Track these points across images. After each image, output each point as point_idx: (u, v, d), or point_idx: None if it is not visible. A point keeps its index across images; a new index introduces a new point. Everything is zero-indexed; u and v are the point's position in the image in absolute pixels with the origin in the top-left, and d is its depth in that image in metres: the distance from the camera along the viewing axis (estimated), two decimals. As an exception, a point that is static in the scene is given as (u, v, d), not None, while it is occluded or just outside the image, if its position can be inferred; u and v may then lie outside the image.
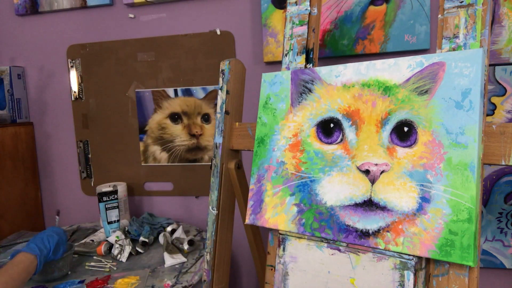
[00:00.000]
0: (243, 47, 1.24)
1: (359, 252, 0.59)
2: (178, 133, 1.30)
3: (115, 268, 0.97)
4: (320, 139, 0.66)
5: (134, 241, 1.14)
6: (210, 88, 1.27)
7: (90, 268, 0.98)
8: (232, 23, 1.24)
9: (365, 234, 0.58)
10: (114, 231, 1.15)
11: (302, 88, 0.70)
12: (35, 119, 1.46)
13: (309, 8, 0.75)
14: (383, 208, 0.57)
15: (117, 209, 1.16)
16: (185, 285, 0.87)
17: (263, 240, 0.91)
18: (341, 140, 0.63)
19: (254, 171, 0.74)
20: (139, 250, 1.07)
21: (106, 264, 1.00)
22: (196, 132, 1.28)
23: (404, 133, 0.57)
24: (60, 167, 1.46)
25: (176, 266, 0.97)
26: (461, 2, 0.58)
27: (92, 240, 1.15)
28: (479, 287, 0.52)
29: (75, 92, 1.39)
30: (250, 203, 0.73)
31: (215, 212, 0.83)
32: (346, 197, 0.61)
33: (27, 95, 1.45)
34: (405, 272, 0.54)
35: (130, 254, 1.06)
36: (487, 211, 1.05)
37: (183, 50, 1.27)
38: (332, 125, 0.64)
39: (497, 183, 1.04)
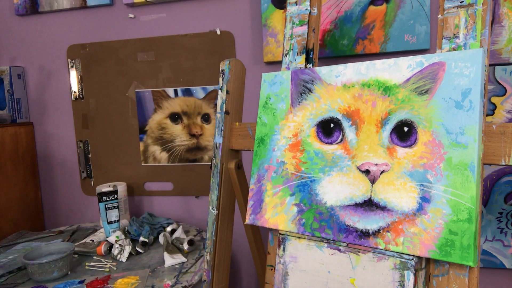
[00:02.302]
0: (243, 47, 1.24)
1: (359, 252, 0.59)
2: (178, 133, 1.30)
3: (115, 268, 0.97)
4: (320, 139, 0.66)
5: (134, 241, 1.14)
6: (210, 88, 1.27)
7: (90, 268, 0.98)
8: (232, 23, 1.24)
9: (365, 234, 0.58)
10: (114, 231, 1.15)
11: (302, 88, 0.70)
12: (35, 119, 1.46)
13: (309, 8, 0.75)
14: (383, 208, 0.57)
15: (117, 209, 1.16)
16: (185, 285, 0.87)
17: (263, 240, 0.91)
18: (341, 140, 0.63)
19: (254, 171, 0.74)
20: (139, 250, 1.07)
21: (106, 264, 1.00)
22: (196, 132, 1.28)
23: (404, 133, 0.57)
24: (60, 167, 1.46)
25: (176, 266, 0.97)
26: (461, 2, 0.58)
27: (92, 240, 1.15)
28: (479, 287, 0.52)
29: (75, 92, 1.39)
30: (250, 203, 0.73)
31: (215, 212, 0.83)
32: (346, 197, 0.61)
33: (27, 95, 1.45)
34: (405, 272, 0.54)
35: (130, 254, 1.06)
36: (487, 211, 1.05)
37: (183, 50, 1.27)
38: (332, 125, 0.64)
39: (497, 183, 1.04)
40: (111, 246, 1.09)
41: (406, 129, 0.57)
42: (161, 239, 1.12)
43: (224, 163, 0.83)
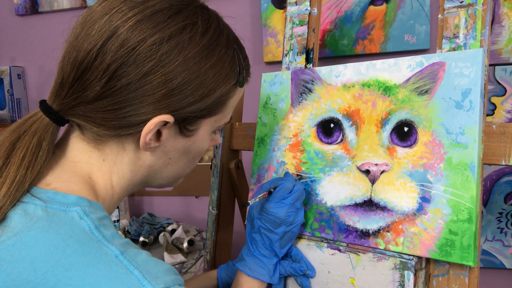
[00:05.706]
0: (243, 47, 1.23)
1: (359, 252, 0.59)
2: (178, 133, 1.30)
3: (115, 268, 0.97)
4: (321, 139, 0.66)
5: (134, 241, 1.14)
6: (210, 88, 1.26)
7: (90, 268, 0.98)
8: (232, 23, 1.23)
9: (365, 234, 0.58)
10: (114, 231, 1.15)
11: (302, 88, 0.70)
12: (35, 119, 1.46)
13: (309, 8, 0.75)
14: (383, 208, 0.57)
15: (117, 209, 1.16)
16: (185, 285, 0.87)
17: (263, 240, 0.90)
18: (341, 140, 0.63)
19: (254, 171, 0.74)
20: (139, 250, 1.07)
21: (106, 264, 1.00)
22: (196, 132, 1.28)
23: (404, 133, 0.57)
24: (60, 167, 1.46)
25: (176, 266, 0.97)
26: (461, 2, 0.58)
27: (92, 240, 1.14)
28: (479, 287, 0.52)
29: (75, 92, 1.38)
30: (250, 203, 0.73)
31: (215, 212, 0.83)
32: (346, 197, 0.61)
33: (27, 95, 1.45)
34: (405, 272, 0.54)
35: (130, 254, 1.06)
36: (487, 211, 1.05)
37: (183, 50, 1.27)
38: (332, 125, 0.64)
39: (497, 183, 1.04)
40: (111, 246, 1.09)
41: (406, 129, 0.57)
42: (161, 239, 1.12)
43: (224, 163, 0.83)
